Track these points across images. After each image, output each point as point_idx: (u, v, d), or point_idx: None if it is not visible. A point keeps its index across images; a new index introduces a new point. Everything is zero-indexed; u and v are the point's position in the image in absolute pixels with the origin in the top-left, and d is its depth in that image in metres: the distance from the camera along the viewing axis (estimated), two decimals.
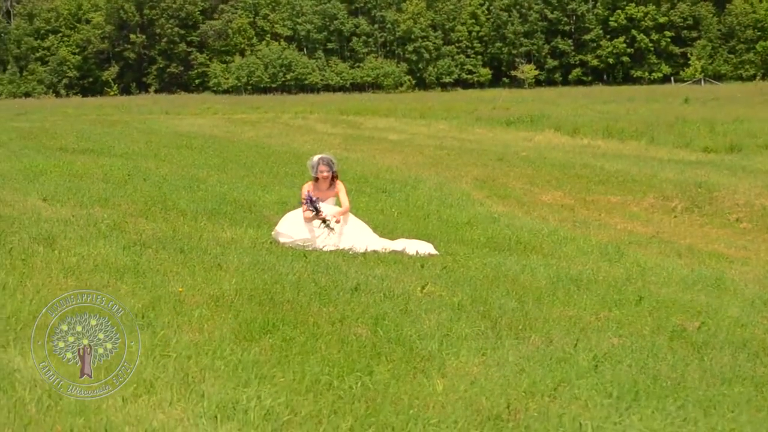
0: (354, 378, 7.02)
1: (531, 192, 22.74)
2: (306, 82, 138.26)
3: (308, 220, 13.26)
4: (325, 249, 12.86)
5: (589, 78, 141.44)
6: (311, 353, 7.51)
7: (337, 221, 13.28)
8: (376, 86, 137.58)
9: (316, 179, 13.58)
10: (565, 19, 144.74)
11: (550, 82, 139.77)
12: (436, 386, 7.01)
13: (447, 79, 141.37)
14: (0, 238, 11.22)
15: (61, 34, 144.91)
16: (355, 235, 13.37)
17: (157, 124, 52.67)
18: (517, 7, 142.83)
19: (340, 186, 13.76)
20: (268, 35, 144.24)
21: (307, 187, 13.57)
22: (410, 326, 8.52)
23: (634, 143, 36.99)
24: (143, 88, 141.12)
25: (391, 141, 38.72)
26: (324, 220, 13.20)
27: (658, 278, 12.81)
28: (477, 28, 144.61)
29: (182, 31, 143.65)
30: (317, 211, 13.20)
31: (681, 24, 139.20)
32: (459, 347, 8.00)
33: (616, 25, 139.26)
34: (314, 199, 13.29)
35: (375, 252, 12.88)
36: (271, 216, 15.07)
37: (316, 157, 13.66)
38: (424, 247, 13.30)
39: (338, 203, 13.80)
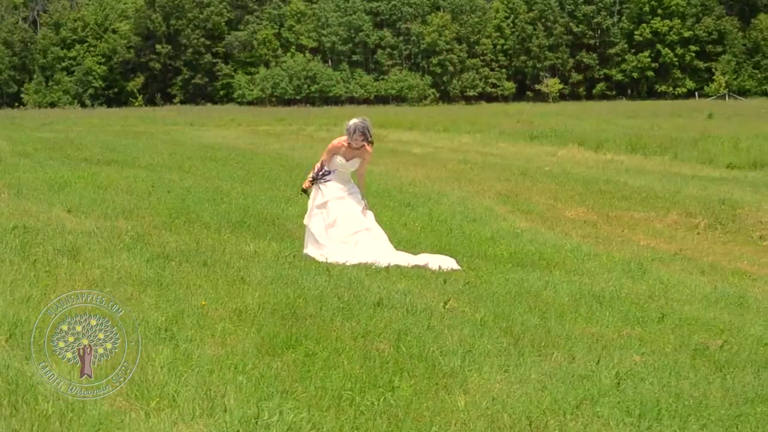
0: (376, 394, 7.03)
1: (554, 207, 22.70)
2: (330, 94, 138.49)
3: (308, 186, 13.56)
4: (347, 264, 12.87)
5: (614, 92, 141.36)
6: (333, 368, 7.52)
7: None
8: (400, 99, 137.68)
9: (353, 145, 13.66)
10: (590, 32, 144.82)
11: (575, 96, 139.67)
12: (458, 402, 7.02)
13: (471, 93, 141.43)
14: (25, 249, 11.27)
15: (87, 44, 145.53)
16: (377, 247, 13.38)
17: (182, 135, 52.85)
18: (542, 20, 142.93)
19: (369, 152, 13.78)
20: (293, 47, 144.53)
21: (339, 145, 13.63)
22: (433, 342, 8.52)
23: (658, 159, 36.93)
24: (168, 98, 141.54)
25: (414, 154, 38.74)
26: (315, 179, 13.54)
27: (680, 295, 12.79)
28: (502, 41, 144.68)
29: (208, 42, 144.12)
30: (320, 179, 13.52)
31: (706, 39, 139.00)
32: (481, 363, 8.01)
33: (641, 39, 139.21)
34: (325, 171, 13.58)
35: (398, 266, 12.89)
36: (294, 230, 15.08)
37: (352, 123, 13.59)
38: (447, 262, 13.29)
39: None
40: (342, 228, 13.45)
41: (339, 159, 13.62)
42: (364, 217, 13.68)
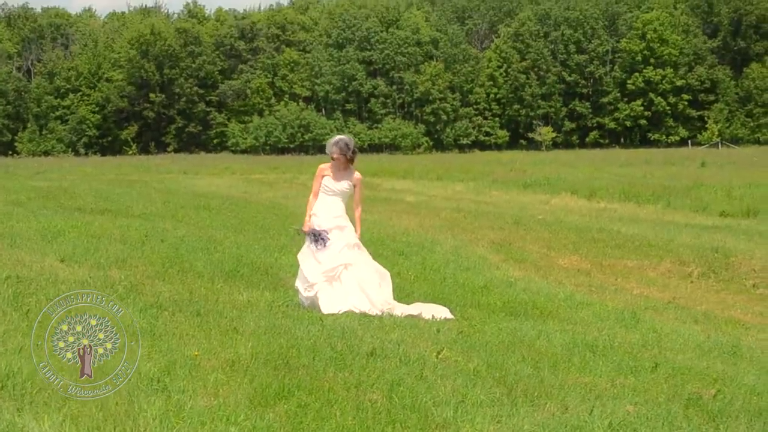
0: None
1: (547, 256, 22.72)
2: (324, 142, 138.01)
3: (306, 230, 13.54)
4: (340, 312, 12.84)
5: (607, 140, 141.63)
6: (326, 420, 7.49)
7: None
8: (393, 147, 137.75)
9: (333, 158, 13.66)
10: (583, 81, 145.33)
11: (568, 145, 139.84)
12: None
13: (464, 141, 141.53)
14: (17, 299, 11.25)
15: (81, 93, 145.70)
16: (362, 289, 13.36)
17: (176, 184, 52.85)
18: (535, 69, 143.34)
19: (358, 177, 13.82)
20: (287, 95, 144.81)
21: (325, 167, 13.72)
22: (425, 392, 8.49)
23: (651, 207, 37.02)
24: (162, 147, 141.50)
25: (408, 203, 38.79)
26: (315, 236, 13.47)
27: (674, 345, 12.79)
28: (495, 90, 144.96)
29: (201, 91, 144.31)
30: (318, 240, 13.44)
31: (698, 87, 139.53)
32: (474, 414, 7.98)
33: (633, 88, 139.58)
34: (318, 233, 13.52)
35: (391, 315, 12.87)
36: (287, 279, 15.07)
37: (333, 140, 13.69)
38: (440, 312, 13.28)
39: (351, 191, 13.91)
40: (329, 259, 13.45)
41: (328, 180, 13.69)
42: (349, 251, 13.64)
